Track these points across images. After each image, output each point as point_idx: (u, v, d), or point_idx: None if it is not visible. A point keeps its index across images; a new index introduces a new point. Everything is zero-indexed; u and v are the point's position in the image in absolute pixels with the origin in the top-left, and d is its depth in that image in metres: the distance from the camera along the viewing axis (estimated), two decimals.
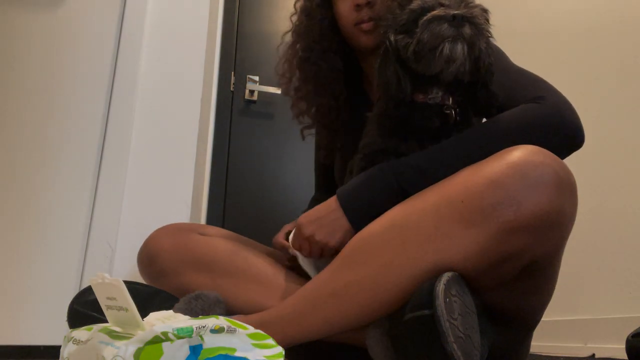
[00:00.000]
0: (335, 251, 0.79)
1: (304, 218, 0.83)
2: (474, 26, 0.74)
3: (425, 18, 0.75)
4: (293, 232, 0.87)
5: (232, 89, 1.95)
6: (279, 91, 1.96)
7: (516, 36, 1.85)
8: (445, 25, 0.73)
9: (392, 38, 0.81)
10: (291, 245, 0.88)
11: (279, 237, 1.04)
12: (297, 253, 0.87)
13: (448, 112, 0.81)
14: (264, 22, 2.07)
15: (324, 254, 0.83)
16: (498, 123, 0.77)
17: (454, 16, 0.72)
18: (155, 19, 1.81)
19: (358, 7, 0.96)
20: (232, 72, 1.96)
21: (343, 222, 0.79)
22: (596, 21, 1.60)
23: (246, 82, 1.95)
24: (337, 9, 1.02)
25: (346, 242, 0.78)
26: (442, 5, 0.76)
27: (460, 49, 0.74)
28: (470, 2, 0.77)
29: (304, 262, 0.87)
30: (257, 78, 1.96)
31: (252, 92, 1.96)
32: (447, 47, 0.73)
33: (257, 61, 2.01)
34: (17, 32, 1.64)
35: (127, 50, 1.72)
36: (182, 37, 1.84)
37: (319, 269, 0.88)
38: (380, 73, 0.83)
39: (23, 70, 1.62)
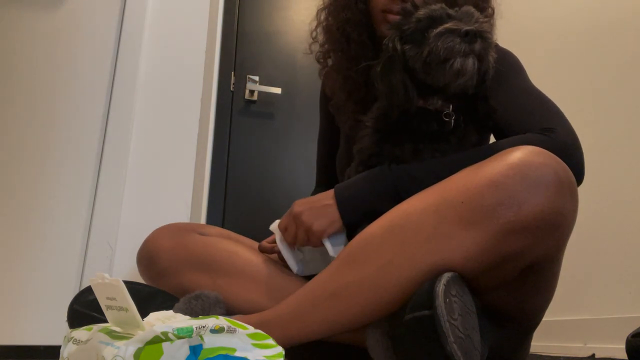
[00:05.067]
0: (317, 239, 0.81)
1: (298, 200, 0.85)
2: (483, 40, 0.75)
3: (437, 31, 0.75)
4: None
5: (232, 89, 1.95)
6: (279, 91, 1.96)
7: (518, 35, 1.85)
8: (458, 40, 0.73)
9: (398, 46, 0.81)
10: (278, 227, 0.88)
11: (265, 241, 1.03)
12: (278, 238, 0.88)
13: (447, 119, 0.81)
14: (264, 22, 2.07)
15: (309, 240, 0.83)
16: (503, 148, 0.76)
17: (467, 32, 0.73)
18: (155, 19, 1.81)
19: None
20: (232, 72, 1.96)
21: (333, 211, 0.81)
22: (597, 20, 1.60)
23: (246, 82, 1.95)
24: None
25: (330, 233, 0.81)
26: (449, 16, 0.76)
27: (471, 63, 0.74)
28: (478, 16, 0.77)
29: (283, 251, 0.88)
30: (257, 78, 1.96)
31: (252, 92, 1.96)
32: (458, 62, 0.74)
33: (257, 61, 2.01)
34: (17, 32, 1.64)
35: (127, 50, 1.72)
36: (182, 37, 1.84)
37: (302, 262, 0.89)
38: (384, 80, 0.83)
39: (23, 70, 1.62)
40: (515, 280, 0.68)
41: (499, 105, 0.84)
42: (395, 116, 0.82)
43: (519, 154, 0.65)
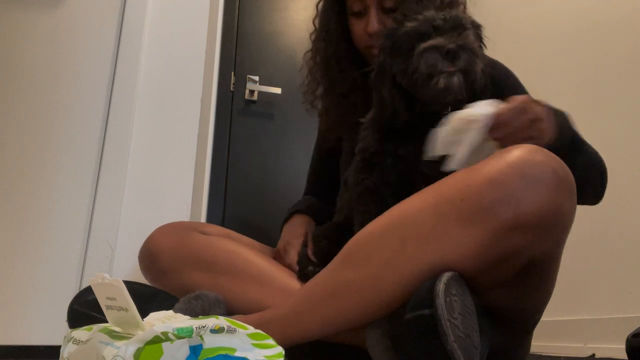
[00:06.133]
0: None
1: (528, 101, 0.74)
2: (469, 51, 0.75)
3: (420, 49, 0.75)
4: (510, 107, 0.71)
5: (232, 89, 1.95)
6: (279, 91, 1.96)
7: (516, 35, 1.85)
8: (440, 59, 0.74)
9: (387, 59, 0.81)
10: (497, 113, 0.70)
11: (291, 257, 1.01)
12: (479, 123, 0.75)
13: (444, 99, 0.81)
14: (264, 22, 2.07)
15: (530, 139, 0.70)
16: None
17: (448, 51, 0.73)
18: (155, 19, 1.81)
19: (370, 35, 0.99)
20: (232, 72, 1.96)
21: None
22: (596, 20, 1.60)
23: (246, 82, 1.95)
24: (351, 27, 1.04)
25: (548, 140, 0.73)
26: (435, 28, 0.76)
27: (456, 81, 0.75)
28: (465, 23, 0.78)
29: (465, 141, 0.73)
30: (257, 78, 1.96)
31: (252, 92, 1.95)
32: (442, 81, 0.74)
33: (257, 61, 2.01)
34: (17, 32, 1.64)
35: (127, 50, 1.72)
36: (182, 37, 1.84)
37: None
38: (376, 90, 0.84)
39: (23, 70, 1.62)
40: (514, 278, 0.68)
41: None
42: (384, 127, 0.83)
43: (518, 152, 0.65)
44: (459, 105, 0.80)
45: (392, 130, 0.84)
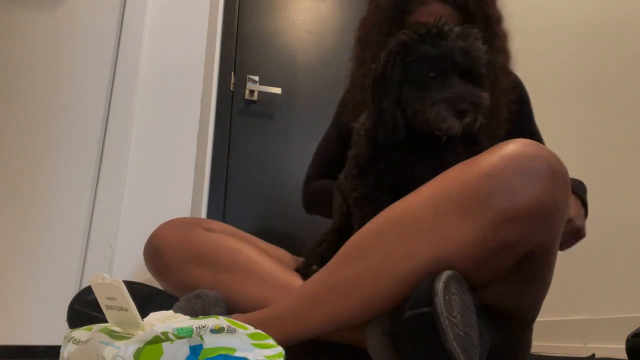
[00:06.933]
0: None
1: None
2: (477, 108, 0.76)
3: (436, 98, 0.76)
4: None
5: (232, 89, 1.95)
6: (279, 91, 1.96)
7: (518, 37, 1.85)
8: (450, 114, 0.76)
9: (396, 73, 0.80)
10: None
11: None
12: None
13: (439, 133, 0.82)
14: (264, 22, 2.07)
15: None
16: None
17: (461, 111, 0.75)
18: (155, 19, 1.81)
19: None
20: (232, 72, 1.96)
21: None
22: (596, 20, 1.60)
23: (246, 82, 1.95)
24: None
25: None
26: (454, 64, 0.76)
27: (458, 128, 0.77)
28: (483, 66, 0.78)
29: None
30: (257, 78, 1.96)
31: (252, 92, 1.95)
32: (444, 125, 0.77)
33: (257, 61, 2.01)
34: (17, 32, 1.64)
35: (127, 50, 1.72)
36: (182, 37, 1.84)
37: None
38: (374, 99, 0.83)
39: (23, 70, 1.62)
40: (511, 272, 0.69)
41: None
42: (382, 140, 0.83)
43: (513, 146, 0.66)
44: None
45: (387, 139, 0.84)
